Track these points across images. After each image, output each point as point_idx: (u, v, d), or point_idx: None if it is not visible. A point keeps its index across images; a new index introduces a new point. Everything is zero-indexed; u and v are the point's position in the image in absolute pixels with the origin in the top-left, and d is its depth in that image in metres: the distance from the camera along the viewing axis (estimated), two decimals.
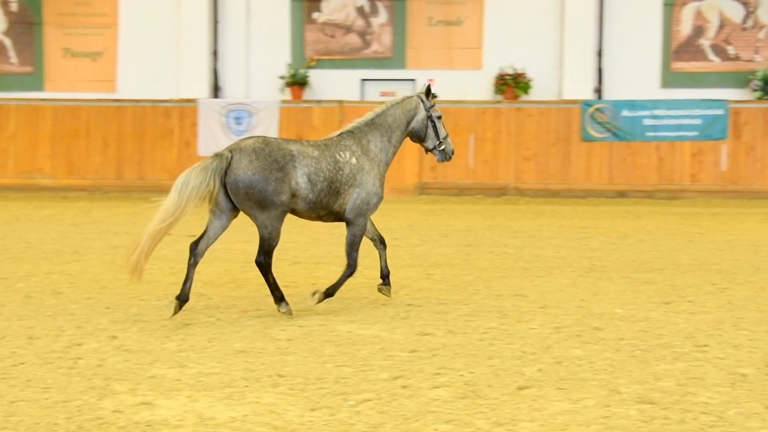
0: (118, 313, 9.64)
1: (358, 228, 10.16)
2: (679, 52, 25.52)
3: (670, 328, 9.04)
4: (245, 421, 6.18)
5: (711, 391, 6.83)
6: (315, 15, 26.91)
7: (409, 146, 23.92)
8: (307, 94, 26.38)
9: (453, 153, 10.81)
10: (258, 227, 9.51)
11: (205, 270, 12.43)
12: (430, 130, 10.63)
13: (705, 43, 25.45)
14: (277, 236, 9.54)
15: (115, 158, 25.56)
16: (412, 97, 10.74)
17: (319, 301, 9.88)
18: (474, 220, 18.93)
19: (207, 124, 25.26)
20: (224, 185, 9.34)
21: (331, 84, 26.56)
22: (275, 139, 9.79)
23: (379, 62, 26.70)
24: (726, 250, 14.51)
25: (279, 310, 9.54)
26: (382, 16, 26.58)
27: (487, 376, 7.24)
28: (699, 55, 25.46)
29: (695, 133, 23.67)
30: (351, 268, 10.12)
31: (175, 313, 9.26)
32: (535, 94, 25.39)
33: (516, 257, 13.81)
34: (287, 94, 26.31)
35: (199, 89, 26.43)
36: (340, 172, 9.86)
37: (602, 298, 10.55)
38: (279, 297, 9.57)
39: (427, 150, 10.76)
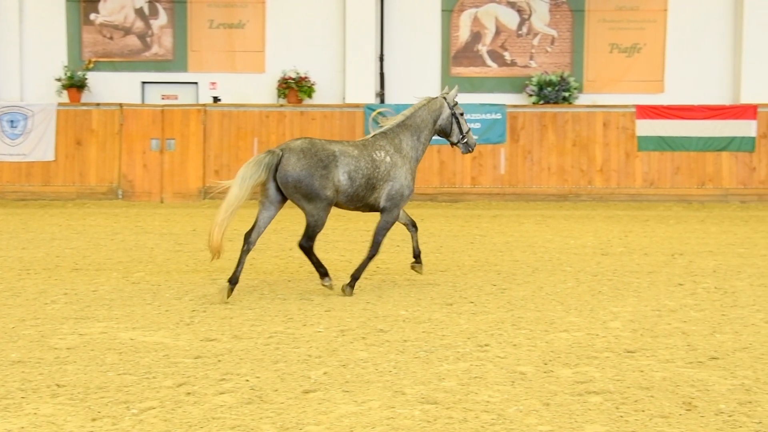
0: None
1: (391, 216, 11.41)
2: (458, 58, 26.09)
3: (452, 328, 9.19)
4: None
5: (492, 390, 6.97)
6: (92, 16, 26.27)
7: (193, 151, 23.69)
8: (86, 96, 25.73)
9: (475, 145, 12.27)
10: (306, 215, 10.91)
11: None
12: (455, 126, 12.04)
13: (482, 48, 26.10)
14: (322, 225, 10.94)
15: None
16: (437, 98, 12.07)
17: (352, 288, 11.18)
18: None
19: None
20: (275, 179, 10.74)
21: (111, 87, 26.00)
22: (320, 140, 11.10)
23: (160, 65, 26.29)
24: (505, 251, 14.88)
25: (323, 284, 11.04)
26: (162, 19, 26.18)
27: (273, 380, 7.19)
28: (477, 60, 26.10)
29: (475, 137, 24.17)
30: (374, 251, 11.37)
31: (229, 295, 10.54)
32: (318, 97, 25.50)
33: (301, 260, 13.80)
34: (65, 97, 25.60)
35: None
36: (377, 170, 11.14)
37: (387, 301, 10.65)
38: (323, 273, 11.05)
39: (453, 144, 12.16)
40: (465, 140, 12.08)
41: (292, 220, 19.71)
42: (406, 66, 25.88)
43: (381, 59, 25.69)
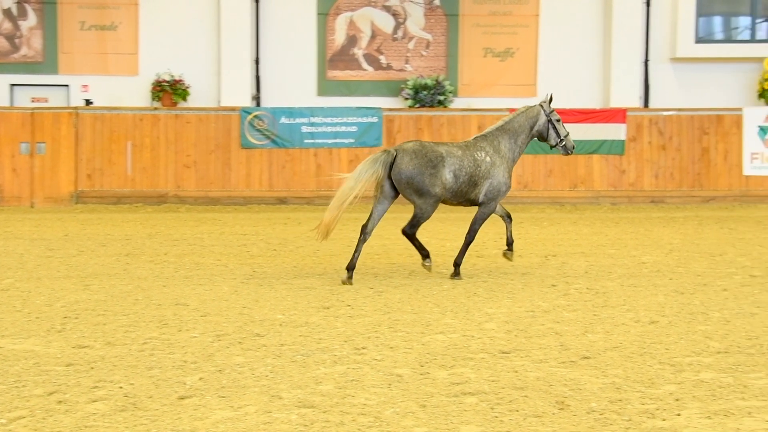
0: None
1: (488, 209, 12.69)
2: (334, 61, 26.11)
3: (329, 332, 9.19)
4: None
5: (369, 393, 6.98)
6: None
7: (64, 154, 23.23)
8: None
9: (574, 147, 13.39)
10: (414, 207, 12.35)
11: None
12: (551, 131, 13.17)
13: (358, 52, 26.16)
14: (427, 217, 12.35)
15: None
16: (534, 106, 13.22)
17: (458, 274, 12.61)
18: (133, 229, 18.60)
19: None
20: (389, 176, 12.20)
21: None
22: (429, 143, 12.49)
23: (29, 67, 25.71)
24: (383, 254, 14.94)
25: (423, 264, 12.51)
26: (31, 20, 25.62)
27: (148, 387, 7.10)
28: (353, 64, 26.15)
29: (351, 140, 24.26)
30: (471, 237, 12.78)
31: (350, 279, 12.12)
32: (193, 101, 25.27)
33: (177, 266, 13.67)
34: None
35: None
36: (478, 168, 12.41)
37: (263, 305, 10.60)
38: (425, 254, 12.51)
39: (551, 146, 13.30)
40: (563, 143, 13.20)
41: (166, 224, 19.52)
42: (282, 69, 25.80)
43: (257, 62, 25.57)
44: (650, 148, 24.69)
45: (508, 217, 13.15)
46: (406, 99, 25.35)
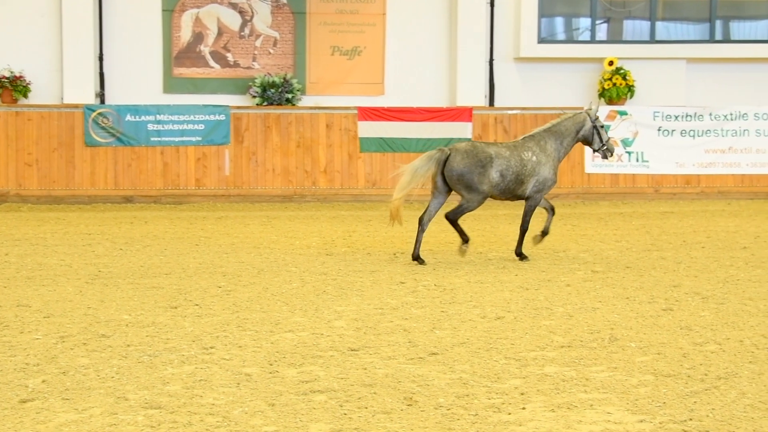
0: None
1: (535, 201, 14.06)
2: (180, 58, 25.78)
3: (177, 332, 9.10)
4: None
5: (217, 392, 6.94)
6: None
7: None
8: None
9: (613, 152, 14.67)
10: (462, 199, 13.62)
11: None
12: (596, 137, 14.47)
13: (205, 50, 25.88)
14: (472, 209, 13.80)
15: None
16: (581, 113, 14.59)
17: (525, 256, 14.10)
18: None
19: None
20: (442, 172, 13.44)
21: None
22: (480, 143, 13.99)
23: None
24: (231, 253, 14.85)
25: (462, 248, 13.85)
26: None
27: None
28: (200, 61, 25.86)
29: (198, 138, 24.02)
30: (524, 227, 14.12)
31: (421, 261, 13.70)
32: (34, 98, 24.62)
33: (18, 266, 13.33)
34: None
35: None
36: (525, 168, 13.70)
37: (109, 305, 10.43)
38: (465, 239, 13.82)
39: (594, 150, 14.62)
40: (605, 147, 14.47)
41: (7, 224, 19.03)
42: (127, 66, 25.36)
43: (101, 59, 25.07)
44: None
45: (551, 210, 14.39)
46: (254, 97, 25.20)
